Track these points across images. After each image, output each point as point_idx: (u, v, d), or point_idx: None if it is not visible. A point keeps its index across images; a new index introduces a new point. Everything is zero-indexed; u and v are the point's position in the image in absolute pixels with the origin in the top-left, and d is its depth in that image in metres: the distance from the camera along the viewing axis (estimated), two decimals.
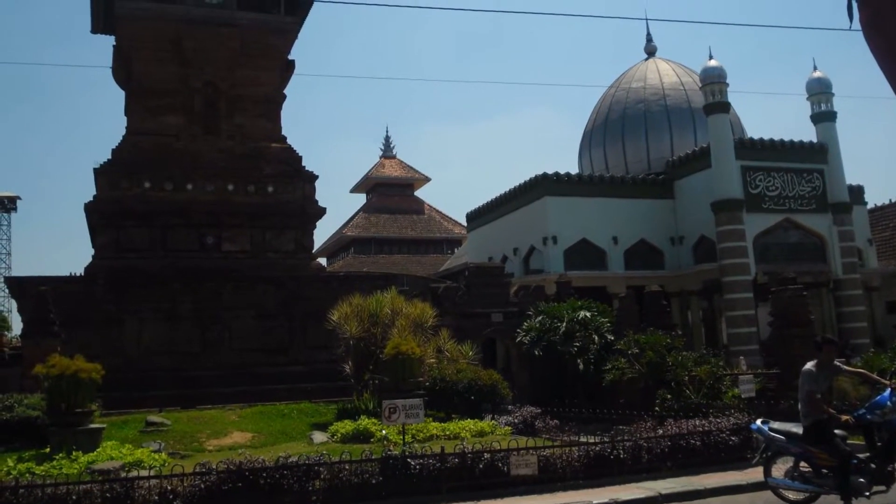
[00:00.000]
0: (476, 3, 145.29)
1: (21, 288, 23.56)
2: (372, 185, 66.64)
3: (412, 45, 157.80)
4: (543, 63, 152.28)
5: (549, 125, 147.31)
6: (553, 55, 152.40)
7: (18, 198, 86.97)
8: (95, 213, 25.80)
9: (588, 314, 24.64)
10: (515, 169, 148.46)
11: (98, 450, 14.45)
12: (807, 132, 53.94)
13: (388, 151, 69.10)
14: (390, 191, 65.48)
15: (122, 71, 29.25)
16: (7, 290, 36.84)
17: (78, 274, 25.74)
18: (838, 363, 11.01)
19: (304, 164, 28.74)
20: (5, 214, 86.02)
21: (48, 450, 14.59)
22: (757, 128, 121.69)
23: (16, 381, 19.26)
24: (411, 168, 67.79)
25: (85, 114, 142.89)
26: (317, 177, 28.52)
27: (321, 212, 28.32)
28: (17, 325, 62.78)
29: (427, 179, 67.87)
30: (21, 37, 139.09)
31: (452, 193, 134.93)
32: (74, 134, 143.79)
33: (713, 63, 40.38)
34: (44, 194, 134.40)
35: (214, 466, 11.63)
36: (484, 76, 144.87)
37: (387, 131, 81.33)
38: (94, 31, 31.40)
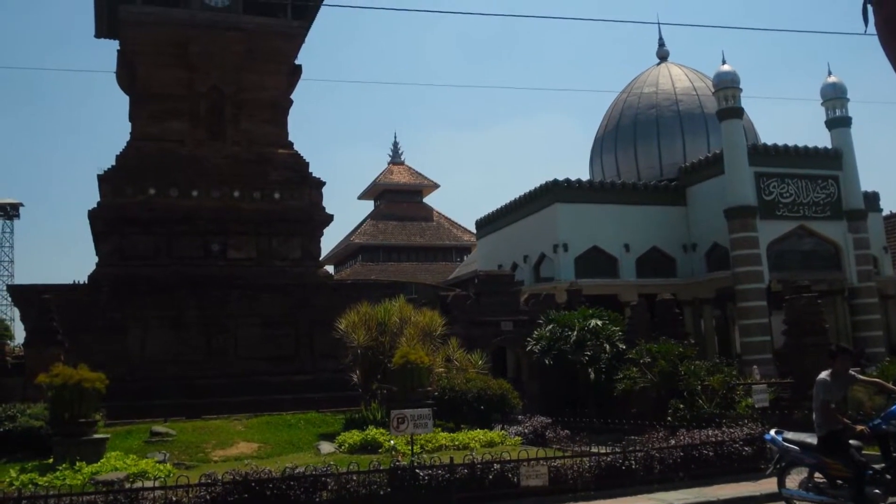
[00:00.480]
0: (485, 8, 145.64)
1: (24, 296, 23.50)
2: (380, 192, 66.48)
3: (421, 49, 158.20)
4: (554, 68, 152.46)
5: (560, 131, 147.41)
6: (564, 60, 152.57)
7: (21, 204, 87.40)
8: (99, 219, 25.71)
9: (599, 323, 24.47)
10: (526, 175, 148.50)
11: (102, 460, 14.35)
12: (821, 138, 53.66)
13: (396, 157, 68.91)
14: (399, 197, 65.27)
15: (127, 76, 29.23)
16: (10, 298, 36.96)
17: (82, 282, 25.67)
18: (853, 372, 10.84)
19: (311, 170, 28.63)
20: (8, 221, 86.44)
21: (51, 460, 14.48)
22: (771, 133, 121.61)
23: (19, 390, 19.16)
24: (420, 174, 67.60)
25: (88, 119, 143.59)
26: (324, 183, 28.39)
27: (328, 219, 28.19)
28: (19, 334, 63.12)
29: (436, 186, 67.66)
30: (24, 41, 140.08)
31: (462, 200, 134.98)
32: (78, 140, 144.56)
33: (726, 68, 40.16)
34: (47, 201, 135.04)
35: (220, 477, 11.52)
36: (494, 81, 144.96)
37: (395, 137, 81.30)
38: (98, 35, 31.46)
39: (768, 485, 11.74)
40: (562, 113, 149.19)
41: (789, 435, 10.79)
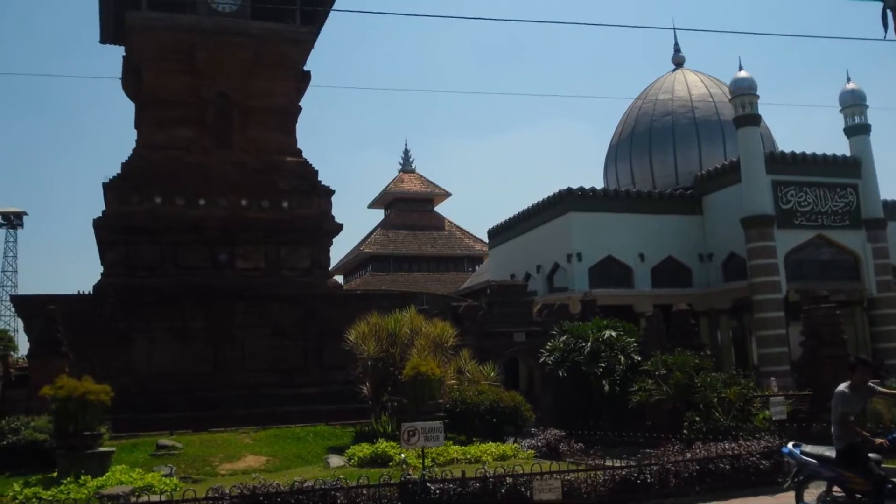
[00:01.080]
0: (497, 13, 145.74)
1: (28, 307, 23.39)
2: (390, 201, 66.46)
3: (432, 56, 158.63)
4: (568, 74, 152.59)
5: (574, 138, 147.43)
6: (578, 66, 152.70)
7: (25, 213, 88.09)
8: (104, 228, 25.60)
9: (614, 334, 24.30)
10: (539, 183, 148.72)
11: (107, 474, 14.20)
12: (840, 146, 53.39)
13: (406, 165, 68.91)
14: (409, 206, 65.17)
15: (133, 82, 29.22)
16: (13, 309, 37.07)
17: (86, 292, 25.60)
18: (872, 384, 10.70)
19: (320, 178, 28.50)
20: (11, 231, 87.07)
21: (56, 474, 14.36)
22: (788, 141, 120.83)
23: (22, 402, 19.00)
24: (431, 182, 67.52)
25: (93, 127, 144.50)
26: (333, 192, 28.31)
27: (338, 228, 28.05)
28: (23, 345, 63.30)
29: (447, 194, 67.55)
30: (27, 47, 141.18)
31: (473, 209, 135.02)
32: (82, 147, 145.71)
33: (743, 74, 39.94)
34: (51, 210, 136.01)
35: (227, 491, 11.39)
36: (506, 87, 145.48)
37: (406, 145, 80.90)
38: (104, 41, 31.48)
39: (786, 498, 11.62)
40: (575, 120, 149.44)
41: (807, 448, 10.65)
